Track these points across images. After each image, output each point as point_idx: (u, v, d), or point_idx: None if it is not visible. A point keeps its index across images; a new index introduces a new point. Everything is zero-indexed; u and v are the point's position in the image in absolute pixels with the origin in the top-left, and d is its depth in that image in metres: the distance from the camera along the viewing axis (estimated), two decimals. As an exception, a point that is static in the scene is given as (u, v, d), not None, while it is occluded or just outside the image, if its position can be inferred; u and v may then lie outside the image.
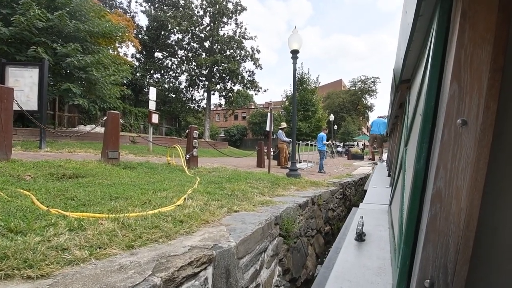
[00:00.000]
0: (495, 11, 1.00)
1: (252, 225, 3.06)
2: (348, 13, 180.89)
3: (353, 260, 2.34)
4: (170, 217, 2.91)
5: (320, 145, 12.28)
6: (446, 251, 1.12)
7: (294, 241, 4.26)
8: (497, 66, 1.02)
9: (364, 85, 59.39)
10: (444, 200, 1.11)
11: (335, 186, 7.93)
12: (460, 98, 1.06)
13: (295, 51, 8.48)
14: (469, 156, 1.07)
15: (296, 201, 4.90)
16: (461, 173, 1.08)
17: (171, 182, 4.86)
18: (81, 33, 10.96)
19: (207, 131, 28.31)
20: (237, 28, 28.28)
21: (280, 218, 3.87)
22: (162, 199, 3.58)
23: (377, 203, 4.76)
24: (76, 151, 8.78)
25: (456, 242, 1.10)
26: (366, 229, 3.00)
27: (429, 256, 1.14)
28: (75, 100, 10.64)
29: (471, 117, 1.06)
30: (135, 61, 27.89)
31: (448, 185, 1.10)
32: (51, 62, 9.87)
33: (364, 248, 2.64)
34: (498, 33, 1.01)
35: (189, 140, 7.78)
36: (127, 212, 2.88)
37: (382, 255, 2.42)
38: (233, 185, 5.35)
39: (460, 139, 1.08)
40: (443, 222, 1.12)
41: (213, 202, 3.80)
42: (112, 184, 4.11)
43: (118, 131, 6.06)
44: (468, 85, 1.05)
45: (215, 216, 3.27)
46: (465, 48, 1.05)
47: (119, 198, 3.40)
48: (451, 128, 1.09)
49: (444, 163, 1.10)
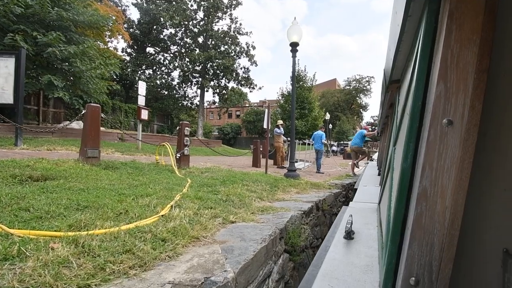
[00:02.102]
0: (481, 13, 1.02)
1: (254, 243, 2.44)
2: (342, 13, 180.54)
3: (341, 258, 2.34)
4: (150, 233, 2.29)
5: (318, 144, 11.55)
6: (431, 249, 1.12)
7: (300, 257, 3.66)
8: (483, 67, 1.03)
9: (359, 85, 58.89)
10: (429, 198, 1.12)
11: (338, 188, 7.37)
12: (446, 98, 1.08)
13: (294, 44, 7.89)
14: (454, 156, 1.08)
15: (300, 207, 4.30)
16: (446, 172, 1.09)
17: (157, 185, 4.22)
18: (65, 22, 10.17)
19: (200, 129, 27.55)
20: (232, 23, 27.47)
21: (285, 230, 3.27)
22: (143, 208, 2.95)
23: (367, 202, 4.79)
24: (56, 148, 8.08)
25: (441, 240, 1.11)
26: (355, 228, 2.99)
27: (415, 254, 1.15)
28: (56, 93, 9.86)
29: (456, 117, 1.07)
30: (126, 56, 26.94)
31: (434, 184, 1.11)
32: (30, 51, 9.11)
33: (353, 246, 2.65)
34: (484, 35, 1.02)
35: (180, 137, 7.12)
36: (94, 228, 2.25)
37: (370, 253, 2.43)
38: (228, 188, 4.73)
39: (445, 139, 1.09)
40: (428, 220, 1.13)
41: (205, 211, 3.18)
42: (85, 189, 3.46)
43: (99, 127, 5.39)
44: (454, 85, 1.07)
45: (207, 230, 2.65)
46: (452, 49, 1.06)
47: (88, 207, 2.76)
48: (437, 128, 1.10)
49: (430, 162, 1.11)
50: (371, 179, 8.23)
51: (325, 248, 2.60)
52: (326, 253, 2.47)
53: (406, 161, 1.35)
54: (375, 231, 3.08)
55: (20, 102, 7.43)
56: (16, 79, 7.46)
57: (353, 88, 59.29)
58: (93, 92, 11.56)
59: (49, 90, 9.97)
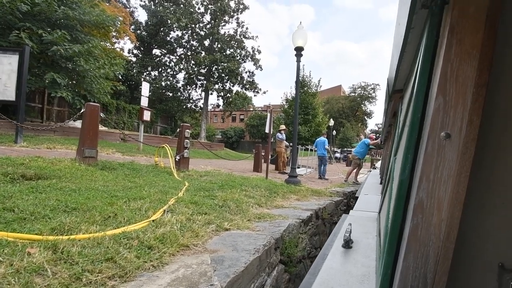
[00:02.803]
0: (482, 29, 1.01)
1: (246, 253, 2.32)
2: (349, 19, 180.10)
3: (339, 267, 2.31)
4: (137, 240, 2.18)
5: (321, 151, 11.50)
6: (426, 262, 1.11)
7: (296, 268, 3.52)
8: (482, 81, 1.03)
9: (364, 92, 58.41)
10: (426, 210, 1.11)
11: (339, 196, 7.20)
12: (445, 111, 1.08)
13: (299, 48, 7.81)
14: (451, 169, 1.07)
15: (299, 215, 4.16)
16: (443, 185, 1.09)
17: (152, 188, 4.11)
18: (71, 21, 10.16)
19: (203, 132, 27.48)
20: (238, 27, 27.45)
21: (281, 240, 3.13)
22: (134, 212, 2.84)
23: (367, 211, 4.73)
24: (56, 147, 8.01)
25: (436, 253, 1.10)
26: (354, 236, 2.94)
27: (410, 266, 1.13)
28: (58, 92, 9.80)
29: (454, 131, 1.07)
30: (132, 57, 27.02)
31: (430, 196, 1.10)
32: (35, 49, 9.08)
33: (351, 255, 2.61)
34: (483, 50, 1.02)
35: (180, 139, 7.03)
36: (78, 232, 2.14)
37: (367, 263, 2.40)
38: (225, 193, 4.61)
39: (443, 152, 1.09)
40: (424, 232, 1.11)
41: (199, 217, 3.06)
42: (76, 190, 3.36)
43: (97, 126, 5.32)
44: (453, 99, 1.07)
45: (198, 238, 2.53)
46: (452, 62, 1.06)
47: (76, 209, 2.65)
48: (435, 140, 1.10)
49: (427, 175, 1.11)
50: (372, 188, 8.12)
51: (323, 257, 2.57)
52: (323, 261, 2.44)
53: (404, 172, 1.34)
54: (374, 240, 3.03)
55: (22, 99, 7.38)
56: (19, 77, 7.43)
57: (358, 95, 58.89)
58: (96, 92, 11.50)
59: (52, 89, 9.92)
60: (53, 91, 9.98)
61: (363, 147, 10.41)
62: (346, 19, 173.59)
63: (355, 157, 10.61)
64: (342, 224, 3.78)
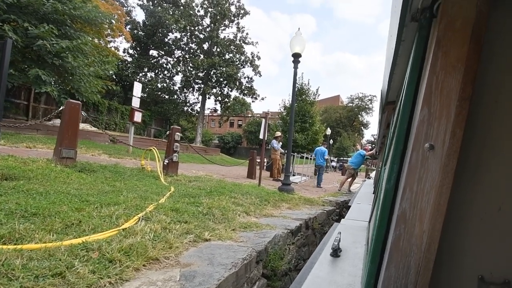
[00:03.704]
0: (467, 42, 1.02)
1: (222, 268, 2.07)
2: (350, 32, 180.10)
3: (325, 276, 2.30)
4: (98, 251, 1.92)
5: (321, 160, 11.62)
6: (408, 272, 1.11)
7: (281, 281, 3.26)
8: (466, 95, 1.04)
9: (361, 102, 58.75)
10: (408, 221, 1.12)
11: (331, 205, 6.97)
12: (429, 123, 1.09)
13: (297, 55, 7.67)
14: (434, 180, 1.08)
15: (287, 225, 3.91)
16: (425, 196, 1.09)
17: (131, 193, 3.85)
18: (60, 15, 9.82)
19: (199, 136, 27.19)
20: (238, 32, 27.35)
21: (265, 252, 2.88)
22: (103, 220, 2.58)
23: (358, 220, 4.74)
24: (36, 146, 7.70)
25: (417, 263, 1.10)
26: (344, 245, 2.91)
27: (391, 276, 1.13)
28: (43, 87, 9.45)
29: (438, 142, 1.08)
30: (128, 57, 26.66)
31: (413, 206, 1.11)
32: (19, 43, 8.80)
33: (338, 264, 2.59)
34: (468, 63, 1.03)
35: (169, 142, 6.78)
36: (30, 241, 1.89)
37: (354, 272, 2.39)
38: (212, 200, 4.36)
39: (426, 163, 1.09)
40: (406, 243, 1.11)
41: (177, 226, 2.81)
42: (43, 193, 3.09)
43: (77, 125, 5.05)
44: (437, 111, 1.07)
45: (172, 250, 2.28)
46: (437, 75, 1.07)
47: (37, 215, 2.39)
48: (419, 152, 1.10)
49: (410, 185, 1.11)
50: (365, 197, 8.19)
51: (310, 265, 2.54)
52: (310, 270, 2.40)
53: (389, 182, 1.33)
54: (362, 249, 3.01)
55: (1, 94, 7.09)
56: (-2, 71, 7.15)
57: (355, 106, 59.24)
58: (84, 90, 11.15)
59: (36, 84, 9.54)
60: (37, 87, 9.61)
61: (358, 158, 10.56)
62: (346, 32, 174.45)
63: (350, 167, 10.81)
64: (333, 232, 3.71)
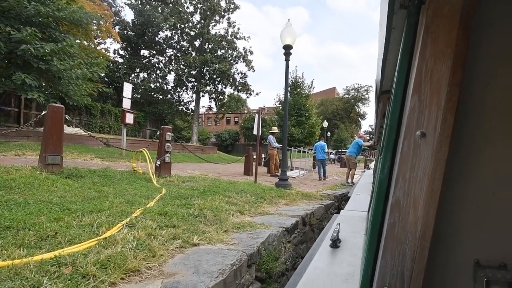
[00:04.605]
0: (456, 28, 1.03)
1: (208, 277, 1.92)
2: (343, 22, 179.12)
3: (325, 267, 2.32)
4: (71, 266, 1.77)
5: (321, 155, 11.67)
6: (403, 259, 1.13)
7: (277, 283, 3.11)
8: (456, 80, 1.05)
9: (357, 93, 58.59)
10: (402, 209, 1.13)
11: (330, 199, 6.85)
12: (420, 111, 1.10)
13: (288, 47, 7.49)
14: (426, 167, 1.09)
15: (283, 223, 3.77)
16: (418, 184, 1.10)
17: (118, 198, 3.69)
18: (44, 18, 9.56)
19: (195, 135, 26.94)
20: (229, 27, 26.83)
21: (258, 254, 2.74)
22: (82, 229, 2.43)
23: (358, 210, 4.75)
24: (26, 153, 7.49)
25: (413, 250, 1.12)
26: (343, 236, 2.93)
27: (387, 264, 1.15)
28: (29, 94, 9.23)
29: (429, 129, 1.09)
30: (119, 58, 26.15)
31: (407, 194, 1.12)
32: (2, 48, 8.56)
33: (338, 255, 2.61)
34: (457, 49, 1.04)
35: (160, 143, 6.61)
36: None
37: (353, 262, 2.41)
38: (205, 200, 4.22)
39: (418, 151, 1.11)
40: (400, 231, 1.13)
41: (163, 231, 2.66)
42: (22, 203, 2.93)
43: (61, 130, 4.87)
44: (427, 98, 1.09)
45: (155, 258, 2.13)
46: (427, 62, 1.08)
47: (10, 228, 2.24)
48: (411, 140, 1.12)
49: (403, 174, 1.12)
50: (365, 187, 8.09)
51: (310, 257, 2.55)
52: (310, 261, 2.42)
53: (383, 172, 1.35)
54: (361, 239, 3.03)
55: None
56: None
57: (351, 97, 59.06)
58: (73, 94, 10.90)
59: (21, 90, 9.31)
60: (23, 93, 9.39)
61: (356, 147, 10.48)
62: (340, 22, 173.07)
63: (352, 157, 10.58)
64: (332, 224, 3.69)
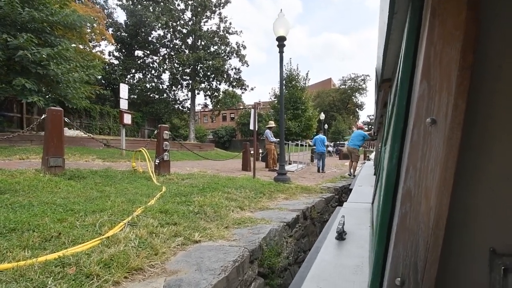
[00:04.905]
0: (464, 9, 0.97)
1: (211, 274, 1.95)
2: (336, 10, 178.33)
3: (332, 259, 2.32)
4: (75, 266, 1.80)
5: (321, 148, 11.83)
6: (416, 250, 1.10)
7: (280, 278, 3.16)
8: (466, 64, 0.99)
9: (354, 83, 57.97)
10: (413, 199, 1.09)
11: (330, 192, 6.89)
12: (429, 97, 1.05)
13: (281, 38, 7.39)
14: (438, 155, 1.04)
15: (283, 217, 3.81)
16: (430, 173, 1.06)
17: (120, 197, 3.72)
18: (38, 23, 9.62)
19: (192, 133, 26.91)
20: (221, 22, 26.63)
21: (260, 249, 2.77)
22: (85, 229, 2.45)
23: (361, 202, 4.73)
24: (30, 157, 7.54)
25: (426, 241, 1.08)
26: (348, 228, 2.92)
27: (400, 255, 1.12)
28: (29, 98, 9.31)
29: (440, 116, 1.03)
30: (114, 60, 26.13)
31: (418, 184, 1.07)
32: (0, 56, 8.64)
33: (344, 247, 2.61)
34: (467, 31, 0.97)
35: (158, 142, 6.63)
36: (3, 260, 1.76)
37: (360, 254, 2.40)
38: (204, 197, 4.24)
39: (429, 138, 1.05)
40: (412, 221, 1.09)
41: (165, 229, 2.69)
42: (27, 205, 2.96)
43: (61, 133, 4.95)
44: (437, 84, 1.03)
45: (158, 256, 2.16)
46: (435, 45, 1.01)
47: (15, 230, 2.27)
48: (421, 127, 1.06)
49: (413, 163, 1.07)
50: (366, 179, 8.02)
51: (316, 250, 2.56)
52: (317, 254, 2.42)
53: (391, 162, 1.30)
54: (367, 231, 3.03)
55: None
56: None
57: (348, 87, 58.43)
58: (71, 97, 10.99)
59: (22, 95, 9.41)
60: (23, 98, 9.47)
61: (360, 140, 10.26)
62: (333, 10, 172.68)
63: (355, 150, 10.41)
64: (336, 216, 3.71)
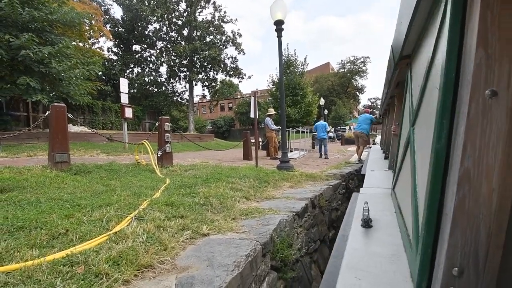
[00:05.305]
0: None
1: (224, 270, 1.90)
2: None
3: (363, 248, 2.26)
4: (84, 265, 1.75)
5: (323, 133, 12.08)
6: (477, 237, 1.01)
7: (293, 270, 3.11)
8: None
9: (353, 66, 56.80)
10: (473, 181, 1.00)
11: (336, 178, 6.69)
12: (488, 67, 0.95)
13: (279, 22, 7.10)
14: (500, 130, 0.95)
15: (292, 207, 3.76)
16: (491, 150, 0.97)
17: (125, 191, 3.68)
18: (39, 22, 9.63)
19: (191, 124, 26.83)
20: (215, 11, 26.22)
21: (271, 242, 2.72)
22: (93, 225, 2.41)
23: (378, 187, 4.61)
24: (37, 154, 7.56)
25: (488, 226, 0.99)
26: (371, 215, 2.82)
27: (457, 243, 1.04)
28: (33, 96, 9.35)
29: (501, 87, 0.94)
30: (113, 55, 26.20)
31: (478, 164, 0.99)
32: (4, 56, 8.66)
33: (373, 235, 2.54)
34: None
35: (160, 134, 6.55)
36: (11, 260, 1.71)
37: (393, 242, 2.31)
38: (209, 188, 4.20)
39: (489, 112, 0.97)
40: (472, 205, 1.01)
41: (172, 222, 2.64)
42: (34, 202, 2.92)
43: (66, 129, 5.00)
44: (497, 51, 0.93)
45: (167, 252, 2.11)
46: (491, 8, 0.91)
47: (23, 228, 2.22)
48: (479, 101, 0.97)
49: (471, 141, 0.99)
50: (377, 164, 7.93)
51: (343, 238, 2.53)
52: (345, 243, 2.39)
53: (440, 141, 1.22)
54: (393, 217, 2.94)
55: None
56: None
57: (347, 71, 57.26)
58: (74, 94, 11.01)
59: (26, 94, 9.45)
60: (28, 96, 9.52)
61: (368, 123, 9.94)
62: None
63: (364, 134, 10.00)
64: (355, 203, 3.68)
